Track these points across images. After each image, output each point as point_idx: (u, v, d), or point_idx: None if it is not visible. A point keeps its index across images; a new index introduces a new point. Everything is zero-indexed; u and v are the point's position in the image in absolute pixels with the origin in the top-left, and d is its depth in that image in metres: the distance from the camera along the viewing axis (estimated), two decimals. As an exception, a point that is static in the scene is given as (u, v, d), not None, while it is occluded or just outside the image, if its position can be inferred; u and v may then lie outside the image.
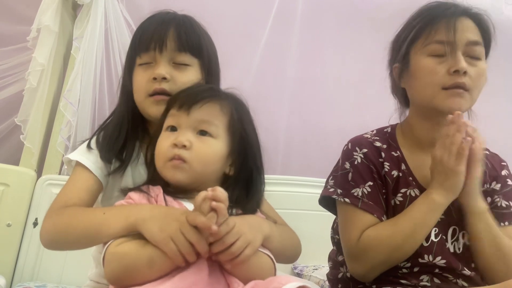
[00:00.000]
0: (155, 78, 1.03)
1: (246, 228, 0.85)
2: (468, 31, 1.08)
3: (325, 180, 1.22)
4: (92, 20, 1.90)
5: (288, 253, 1.02)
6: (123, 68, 1.14)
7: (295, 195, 1.98)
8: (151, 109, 1.05)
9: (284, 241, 0.99)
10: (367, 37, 2.21)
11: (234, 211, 0.92)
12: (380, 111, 1.40)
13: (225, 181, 0.98)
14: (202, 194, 0.80)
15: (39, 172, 1.87)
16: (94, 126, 1.93)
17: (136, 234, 0.83)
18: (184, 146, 0.91)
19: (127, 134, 1.07)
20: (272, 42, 2.15)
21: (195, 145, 0.93)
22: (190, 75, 1.06)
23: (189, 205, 0.91)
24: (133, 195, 0.93)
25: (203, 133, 0.94)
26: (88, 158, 1.02)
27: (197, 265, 0.82)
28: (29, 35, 1.89)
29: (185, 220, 0.80)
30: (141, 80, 1.06)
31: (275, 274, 0.90)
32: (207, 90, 1.00)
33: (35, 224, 1.77)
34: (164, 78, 1.03)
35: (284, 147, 2.18)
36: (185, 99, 0.95)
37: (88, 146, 1.05)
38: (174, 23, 1.07)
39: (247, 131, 1.00)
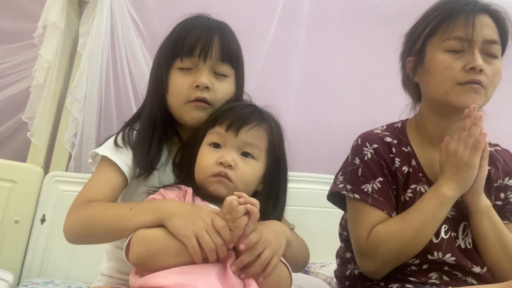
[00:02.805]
0: (197, 86, 1.04)
1: (272, 236, 0.87)
2: (487, 29, 1.07)
3: (331, 176, 1.21)
4: (98, 16, 1.90)
5: (300, 260, 1.05)
6: (157, 67, 1.12)
7: (301, 192, 1.98)
8: (190, 115, 1.05)
9: (299, 247, 1.02)
10: (374, 33, 2.20)
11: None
12: (387, 106, 1.40)
13: (253, 195, 0.99)
14: (230, 198, 0.82)
15: (46, 168, 1.87)
16: (101, 123, 1.93)
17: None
18: (229, 166, 0.95)
19: (160, 136, 1.07)
20: (278, 38, 2.14)
21: (239, 166, 0.96)
22: (228, 86, 1.08)
23: (215, 207, 0.93)
24: (163, 190, 0.97)
25: (246, 154, 0.99)
26: (116, 154, 1.01)
27: (216, 266, 0.83)
28: (36, 32, 1.89)
29: (210, 221, 0.82)
30: (182, 86, 1.05)
31: (291, 285, 0.91)
32: (255, 113, 1.02)
33: (42, 220, 1.78)
34: (207, 88, 1.04)
35: (290, 143, 2.17)
36: (235, 121, 0.98)
37: (116, 143, 1.04)
38: (218, 31, 1.08)
39: (282, 154, 1.07)
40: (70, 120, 1.87)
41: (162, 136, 1.08)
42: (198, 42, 1.05)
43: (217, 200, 0.94)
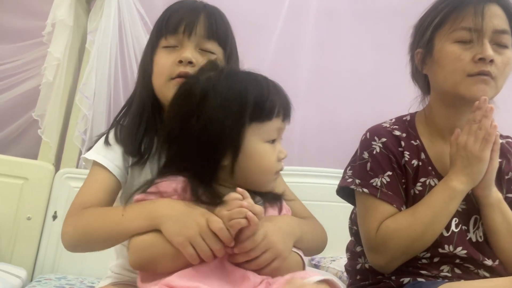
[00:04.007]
0: (180, 61, 1.00)
1: (278, 237, 0.84)
2: (496, 19, 1.05)
3: (341, 170, 1.21)
4: (106, 13, 1.91)
5: (317, 247, 1.03)
6: (144, 51, 1.10)
7: (311, 186, 1.98)
8: (172, 92, 0.98)
9: (315, 237, 1.00)
10: (383, 27, 2.18)
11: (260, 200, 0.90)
12: (396, 101, 1.39)
13: None
14: (234, 195, 0.79)
15: (57, 165, 1.89)
16: (110, 119, 1.94)
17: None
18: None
19: (147, 123, 1.03)
20: (286, 32, 2.13)
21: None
22: None
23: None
24: (159, 183, 0.90)
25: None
26: (106, 156, 0.99)
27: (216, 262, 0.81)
28: (44, 30, 1.90)
29: (205, 224, 0.79)
30: (165, 63, 1.02)
31: (304, 268, 0.90)
32: (280, 88, 0.95)
33: (54, 217, 1.80)
34: (190, 62, 1.00)
35: (299, 138, 2.17)
36: (286, 107, 0.93)
37: (106, 142, 1.02)
38: (204, 10, 1.06)
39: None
40: (79, 117, 1.88)
41: (151, 125, 1.04)
42: (183, 19, 1.03)
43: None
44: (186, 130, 0.87)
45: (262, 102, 0.87)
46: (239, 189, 0.81)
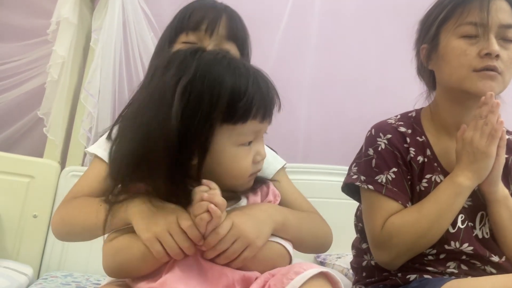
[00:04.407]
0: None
1: (248, 225, 0.79)
2: (502, 13, 1.04)
3: (346, 167, 1.20)
4: (110, 11, 1.91)
5: (311, 241, 0.97)
6: (157, 46, 1.10)
7: (316, 183, 1.97)
8: None
9: (304, 229, 0.93)
10: (388, 23, 2.17)
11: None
12: (402, 97, 1.38)
13: None
14: (198, 189, 0.75)
15: (63, 163, 1.90)
16: (115, 117, 1.94)
17: (131, 226, 0.80)
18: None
19: None
20: (291, 29, 2.13)
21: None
22: None
23: None
24: None
25: None
26: (106, 149, 0.98)
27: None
28: (49, 28, 1.91)
29: (174, 221, 0.75)
30: None
31: (290, 263, 0.85)
32: (272, 87, 0.86)
33: (60, 215, 1.80)
34: None
35: (304, 135, 2.17)
36: (266, 107, 0.82)
37: (109, 137, 1.02)
38: (226, 12, 1.06)
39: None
40: (84, 115, 1.89)
41: None
42: (205, 18, 1.03)
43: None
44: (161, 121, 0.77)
45: (235, 102, 0.77)
46: (204, 180, 0.76)
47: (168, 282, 0.75)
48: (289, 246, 0.87)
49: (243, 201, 0.88)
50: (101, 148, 1.01)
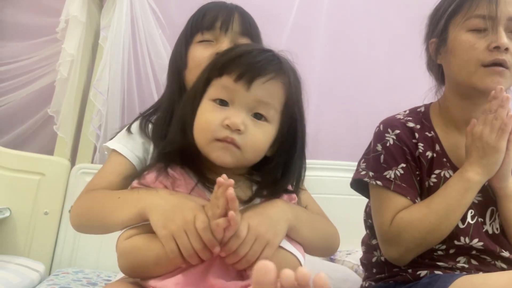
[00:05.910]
0: (218, 54, 0.99)
1: (263, 225, 0.78)
2: (511, 5, 1.03)
3: (355, 163, 1.20)
4: (118, 9, 1.92)
5: (320, 244, 0.95)
6: (174, 49, 1.12)
7: (325, 180, 1.97)
8: None
9: (315, 230, 0.92)
10: (396, 16, 2.15)
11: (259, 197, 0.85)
12: (411, 91, 1.37)
13: (263, 163, 0.88)
14: (216, 189, 0.73)
15: (73, 161, 1.91)
16: (124, 115, 1.96)
17: (148, 224, 0.78)
18: (238, 130, 0.79)
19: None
20: (299, 24, 2.11)
21: (249, 130, 0.81)
22: None
23: None
24: (149, 176, 0.85)
25: (258, 116, 0.83)
26: (126, 145, 1.00)
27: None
28: (58, 26, 1.92)
29: (191, 220, 0.74)
30: (202, 56, 1.01)
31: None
32: (273, 61, 0.85)
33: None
34: None
35: (313, 131, 2.15)
36: (247, 69, 0.81)
37: (128, 131, 1.03)
38: (238, 10, 1.11)
39: (300, 112, 0.89)
40: (94, 112, 1.90)
41: None
42: (219, 16, 1.07)
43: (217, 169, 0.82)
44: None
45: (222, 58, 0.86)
46: (219, 179, 0.72)
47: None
48: (301, 257, 0.85)
49: (256, 200, 0.86)
50: (120, 143, 1.01)
